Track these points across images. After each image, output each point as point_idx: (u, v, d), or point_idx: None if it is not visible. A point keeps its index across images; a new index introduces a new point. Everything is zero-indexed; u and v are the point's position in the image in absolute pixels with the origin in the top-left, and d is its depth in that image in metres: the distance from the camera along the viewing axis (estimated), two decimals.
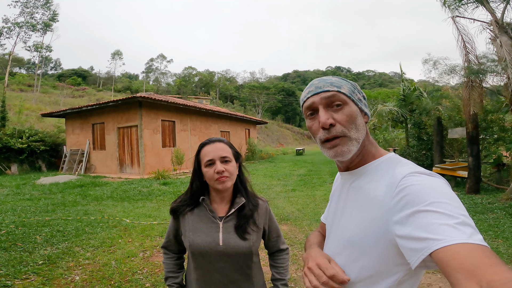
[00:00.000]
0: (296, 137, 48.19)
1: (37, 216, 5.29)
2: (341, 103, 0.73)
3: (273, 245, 1.27)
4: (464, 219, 0.53)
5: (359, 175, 0.76)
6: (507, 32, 5.22)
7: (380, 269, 0.67)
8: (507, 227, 4.32)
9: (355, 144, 0.72)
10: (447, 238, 0.50)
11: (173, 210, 1.20)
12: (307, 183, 9.29)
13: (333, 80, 0.76)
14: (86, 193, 7.77)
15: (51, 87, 38.52)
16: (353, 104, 0.74)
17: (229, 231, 1.12)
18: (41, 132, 14.61)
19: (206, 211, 1.16)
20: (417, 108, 10.55)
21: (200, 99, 43.72)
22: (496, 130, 8.35)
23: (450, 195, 0.58)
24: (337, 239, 0.78)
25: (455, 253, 0.48)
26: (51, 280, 2.85)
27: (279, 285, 1.22)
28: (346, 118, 0.72)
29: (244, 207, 1.16)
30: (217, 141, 1.16)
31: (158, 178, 10.22)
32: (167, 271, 1.24)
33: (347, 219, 0.75)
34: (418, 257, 0.53)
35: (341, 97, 0.73)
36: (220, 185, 1.11)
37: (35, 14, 33.33)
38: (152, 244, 3.94)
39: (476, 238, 0.49)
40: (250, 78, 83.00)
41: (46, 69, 56.74)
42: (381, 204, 0.66)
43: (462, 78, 6.39)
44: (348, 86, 0.76)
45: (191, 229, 1.14)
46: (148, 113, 12.08)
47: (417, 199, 0.57)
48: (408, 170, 0.65)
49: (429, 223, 0.53)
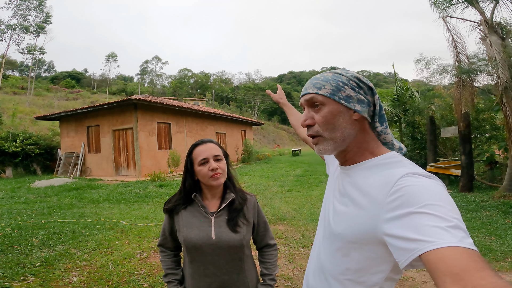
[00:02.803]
0: (292, 138, 48.31)
1: (33, 219, 5.28)
2: (318, 104, 0.75)
3: (261, 239, 1.32)
4: (457, 222, 0.53)
5: (355, 171, 0.77)
6: (496, 31, 5.33)
7: (368, 264, 0.69)
8: (500, 224, 4.38)
9: (331, 143, 0.75)
10: (438, 240, 0.50)
11: (170, 210, 1.25)
12: (303, 184, 9.34)
13: (319, 80, 0.76)
14: (82, 196, 7.74)
15: (44, 89, 38.21)
16: (334, 103, 0.74)
17: (220, 225, 1.19)
18: (35, 135, 14.51)
19: (198, 207, 1.23)
20: (410, 108, 10.66)
21: (195, 100, 43.63)
22: (488, 128, 8.49)
23: (445, 198, 0.58)
24: (327, 232, 0.80)
25: (444, 256, 0.48)
26: (49, 282, 2.86)
27: (267, 280, 1.28)
28: (321, 120, 0.75)
29: (234, 201, 1.24)
30: (208, 141, 1.24)
31: (154, 180, 10.21)
32: (166, 268, 1.28)
33: (339, 213, 0.76)
34: (408, 258, 0.54)
35: (318, 98, 0.75)
36: (215, 181, 1.18)
37: (28, 17, 33.09)
38: (149, 246, 3.96)
39: (466, 242, 0.50)
40: (246, 79, 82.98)
41: (40, 71, 56.28)
42: (374, 201, 0.66)
43: (453, 78, 6.50)
44: (333, 84, 0.74)
45: (185, 224, 1.20)
46: (143, 115, 12.06)
47: (412, 200, 0.58)
48: (406, 170, 0.65)
49: (421, 225, 0.54)
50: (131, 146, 12.06)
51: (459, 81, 5.98)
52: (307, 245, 3.90)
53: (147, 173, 11.40)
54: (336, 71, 0.78)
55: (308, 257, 3.48)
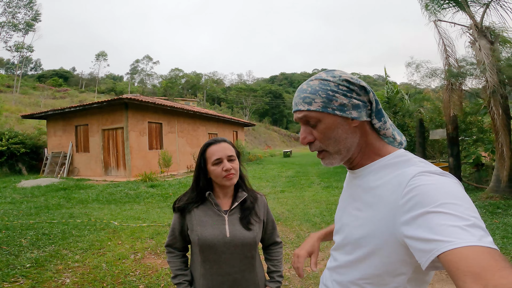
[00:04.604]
0: (283, 139, 48.52)
1: (21, 219, 5.12)
2: (314, 122, 0.72)
3: (268, 237, 1.33)
4: (475, 221, 0.52)
5: (365, 174, 0.75)
6: (486, 35, 5.48)
7: (388, 269, 0.67)
8: (487, 224, 4.49)
9: (336, 157, 0.74)
10: (456, 240, 0.49)
11: (182, 208, 1.23)
12: (296, 184, 9.38)
13: (307, 93, 0.71)
14: (70, 196, 7.56)
15: (31, 88, 37.25)
16: (329, 116, 0.71)
17: (234, 223, 1.19)
18: (21, 134, 14.13)
19: (211, 205, 1.22)
20: (400, 110, 10.88)
21: (186, 101, 43.30)
22: (475, 131, 8.72)
23: (461, 196, 0.57)
24: (345, 238, 0.78)
25: (463, 255, 0.47)
26: (41, 283, 2.78)
27: (275, 277, 1.28)
28: (321, 136, 0.73)
29: (246, 200, 1.24)
30: (222, 141, 1.23)
31: (145, 181, 10.07)
32: (175, 269, 1.24)
33: (354, 219, 0.75)
34: (427, 259, 0.52)
35: (312, 115, 0.71)
36: (228, 181, 1.18)
37: (17, 14, 32.25)
38: (143, 246, 3.89)
39: (486, 241, 0.49)
40: (238, 80, 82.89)
41: (26, 69, 54.85)
42: (388, 204, 0.64)
43: (443, 81, 6.65)
44: (322, 96, 0.70)
45: (198, 223, 1.18)
46: (134, 115, 11.89)
47: (427, 200, 0.56)
48: (418, 169, 0.63)
49: (438, 225, 0.52)
50: (121, 146, 11.87)
51: (449, 85, 6.12)
52: None
53: (137, 173, 11.24)
54: (322, 76, 0.72)
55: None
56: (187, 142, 15.27)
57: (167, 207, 6.54)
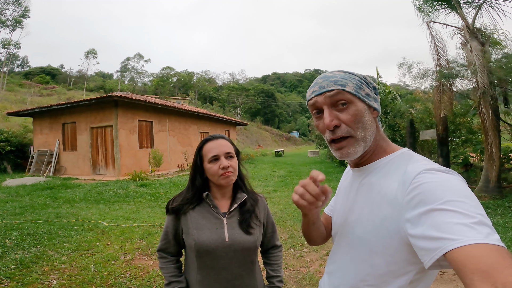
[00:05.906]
0: (275, 138, 48.57)
1: (5, 219, 4.94)
2: (346, 102, 0.70)
3: (268, 240, 1.26)
4: (481, 218, 0.51)
5: (370, 171, 0.74)
6: (477, 37, 5.56)
7: (391, 268, 0.65)
8: None
9: (361, 144, 0.71)
10: (463, 238, 0.48)
11: (176, 209, 1.14)
12: (288, 184, 9.37)
13: (338, 78, 0.71)
14: (56, 196, 7.35)
15: (17, 85, 36.28)
16: (360, 101, 0.71)
17: (233, 227, 1.11)
18: (6, 132, 13.71)
19: (209, 207, 1.14)
20: (391, 111, 10.97)
21: (178, 99, 42.81)
22: (463, 132, 8.87)
23: (466, 193, 0.56)
24: (347, 237, 0.77)
25: (470, 253, 0.46)
26: (26, 285, 2.66)
27: (275, 282, 1.22)
28: (351, 118, 0.69)
29: (246, 202, 1.17)
30: (220, 137, 1.16)
31: (135, 180, 9.89)
32: (168, 275, 1.14)
33: (358, 217, 0.73)
34: (432, 257, 0.52)
35: (346, 96, 0.70)
36: (225, 180, 1.11)
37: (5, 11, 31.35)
38: (134, 247, 3.79)
39: (493, 238, 0.48)
40: (230, 79, 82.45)
41: (13, 66, 53.33)
42: (393, 202, 0.64)
43: (434, 82, 6.73)
44: (354, 82, 0.72)
45: (194, 226, 1.10)
46: (124, 113, 11.67)
47: (431, 197, 0.55)
48: (422, 166, 0.63)
49: (443, 222, 0.51)
50: (110, 144, 11.63)
51: (440, 85, 6.19)
52: (296, 246, 3.88)
53: (127, 172, 11.04)
54: (345, 70, 0.75)
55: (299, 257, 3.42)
56: (178, 141, 15.10)
57: (157, 206, 6.42)
